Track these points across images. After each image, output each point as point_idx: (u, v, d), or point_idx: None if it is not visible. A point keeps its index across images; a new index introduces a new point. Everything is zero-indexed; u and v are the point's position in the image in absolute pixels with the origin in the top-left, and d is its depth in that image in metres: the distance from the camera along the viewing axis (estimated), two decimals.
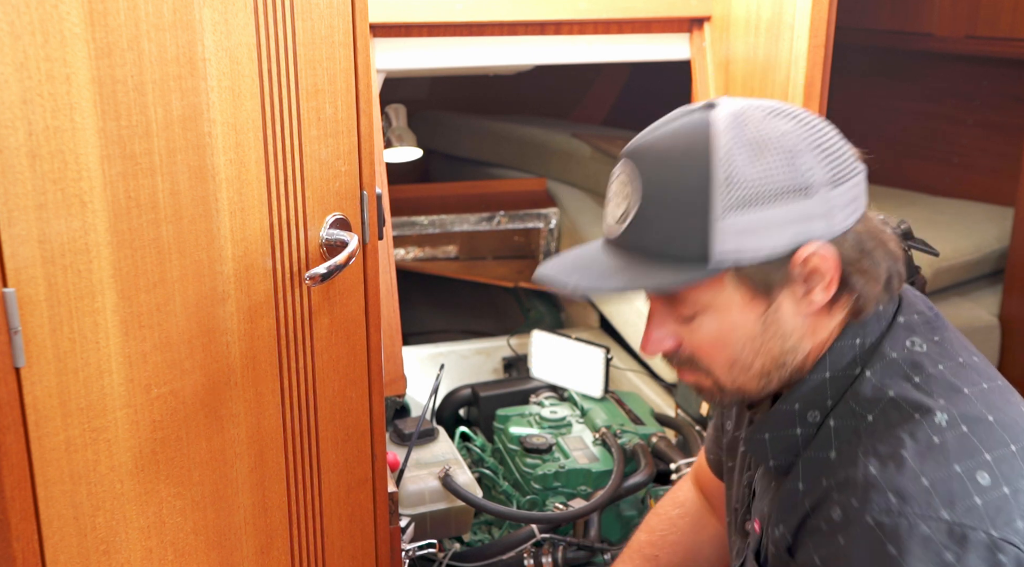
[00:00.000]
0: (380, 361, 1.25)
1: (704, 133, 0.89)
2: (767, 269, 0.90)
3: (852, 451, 0.90)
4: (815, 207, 0.89)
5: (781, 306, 0.93)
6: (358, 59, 1.13)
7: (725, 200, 0.87)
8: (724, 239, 0.88)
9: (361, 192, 1.18)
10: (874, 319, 0.96)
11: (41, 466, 0.86)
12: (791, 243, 0.89)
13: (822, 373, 0.95)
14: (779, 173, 0.88)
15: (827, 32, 1.62)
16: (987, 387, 0.93)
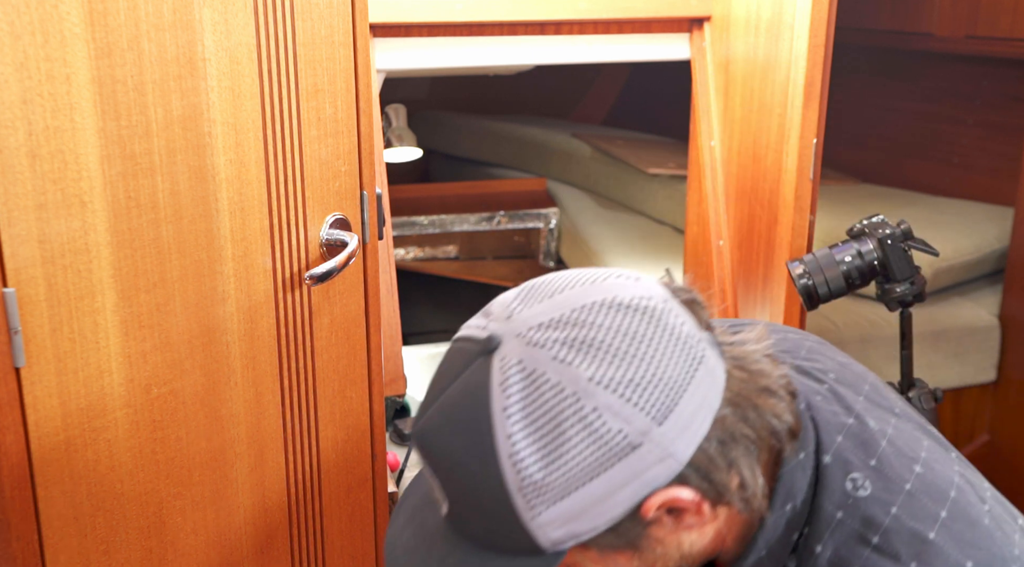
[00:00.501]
0: (380, 361, 1.25)
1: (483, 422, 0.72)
2: (618, 532, 0.74)
3: None
4: (646, 457, 0.71)
5: (652, 543, 0.76)
6: (358, 59, 1.13)
7: (529, 506, 0.71)
8: (548, 533, 0.72)
9: (361, 192, 1.17)
10: (797, 472, 0.80)
11: (41, 466, 0.86)
12: (631, 503, 0.72)
13: (757, 554, 0.81)
14: (585, 456, 0.70)
15: (827, 32, 1.62)
16: (946, 515, 0.80)
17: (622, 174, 3.05)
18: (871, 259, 1.63)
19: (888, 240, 1.63)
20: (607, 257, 2.67)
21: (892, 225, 1.65)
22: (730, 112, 1.94)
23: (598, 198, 3.13)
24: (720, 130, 1.99)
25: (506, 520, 0.72)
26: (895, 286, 1.66)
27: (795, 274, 1.62)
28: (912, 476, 0.81)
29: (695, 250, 2.12)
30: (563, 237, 3.02)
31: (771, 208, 1.78)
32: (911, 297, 1.67)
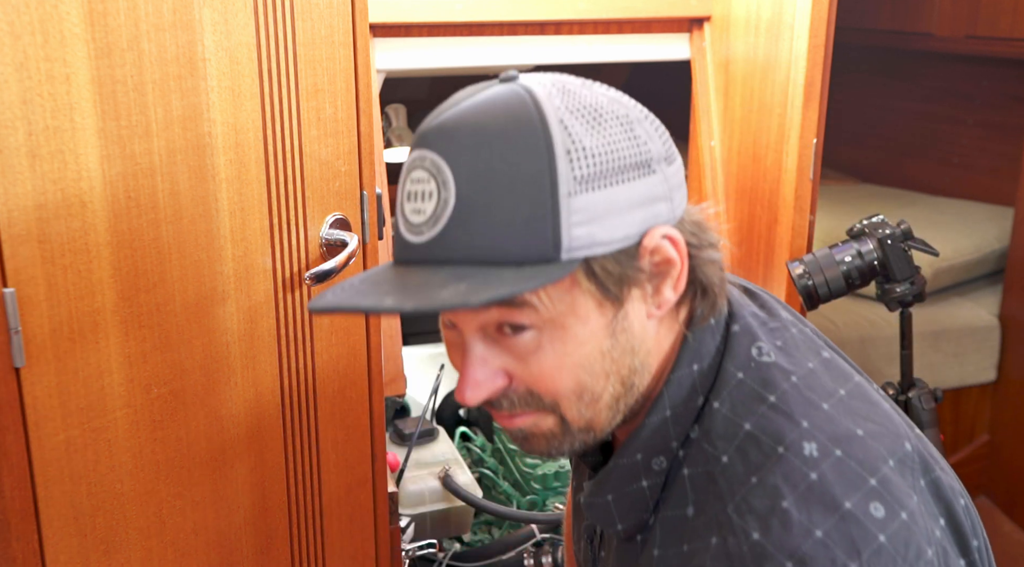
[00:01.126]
0: (380, 361, 1.25)
1: (527, 101, 0.71)
2: (618, 263, 0.73)
3: (717, 509, 0.74)
4: (657, 186, 0.75)
5: (630, 311, 0.76)
6: (358, 59, 1.13)
7: (570, 176, 0.70)
8: (574, 226, 0.70)
9: (361, 192, 1.17)
10: (707, 335, 0.81)
11: (41, 466, 0.86)
12: (640, 229, 0.74)
13: (662, 412, 0.80)
14: (621, 144, 0.73)
15: (827, 32, 1.62)
16: (844, 393, 0.80)
17: None
18: (871, 259, 1.63)
19: (888, 240, 1.63)
20: None
21: (892, 225, 1.65)
22: (730, 112, 1.94)
23: None
24: (720, 130, 1.99)
25: (536, 199, 0.69)
26: (895, 286, 1.66)
27: (795, 274, 1.62)
28: (817, 360, 0.82)
29: None
30: None
31: (771, 208, 1.78)
32: (911, 297, 1.67)
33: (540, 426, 0.79)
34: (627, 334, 0.77)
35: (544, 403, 0.77)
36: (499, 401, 0.78)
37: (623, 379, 0.78)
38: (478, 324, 0.75)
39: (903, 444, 0.77)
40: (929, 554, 0.72)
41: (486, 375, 0.76)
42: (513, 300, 0.72)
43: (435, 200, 0.71)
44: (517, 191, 0.70)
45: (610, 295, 0.74)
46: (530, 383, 0.76)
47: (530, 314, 0.73)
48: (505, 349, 0.75)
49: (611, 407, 0.79)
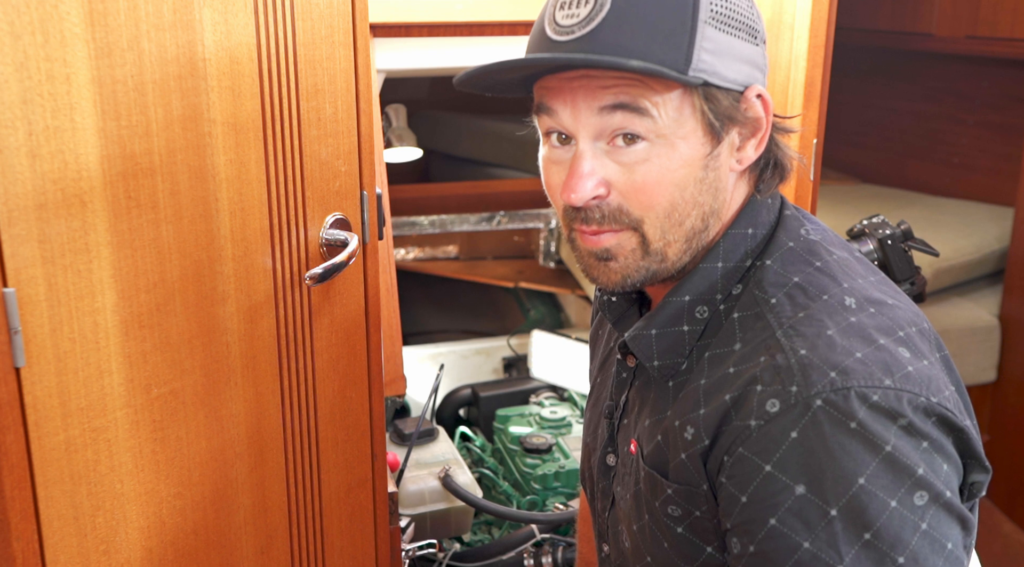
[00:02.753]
0: (380, 361, 1.25)
1: None
2: (728, 98, 0.86)
3: (766, 335, 0.85)
4: (759, 57, 0.89)
5: (722, 152, 0.88)
6: (358, 59, 1.13)
7: (708, 8, 0.84)
8: (703, 51, 0.84)
9: (361, 192, 1.18)
10: (763, 209, 0.93)
11: (41, 466, 0.86)
12: (745, 82, 0.88)
13: (715, 263, 0.91)
14: (745, 9, 0.87)
15: (827, 32, 1.62)
16: (875, 279, 0.92)
17: None
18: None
19: (888, 240, 1.63)
20: None
21: (892, 225, 1.65)
22: None
23: None
24: None
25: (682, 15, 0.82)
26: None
27: None
28: (851, 254, 0.94)
29: None
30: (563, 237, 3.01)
31: None
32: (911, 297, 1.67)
33: (623, 245, 0.89)
34: (716, 173, 0.88)
35: (632, 218, 0.87)
36: (591, 212, 0.88)
37: (704, 214, 0.89)
38: (596, 130, 0.86)
39: (923, 322, 0.89)
40: (947, 393, 0.83)
41: (592, 175, 0.86)
42: (639, 106, 0.84)
43: (591, 6, 0.83)
44: (665, 7, 0.82)
45: (714, 128, 0.86)
46: (629, 193, 0.87)
47: (648, 124, 0.84)
48: (614, 160, 0.86)
49: (687, 239, 0.90)
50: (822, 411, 0.78)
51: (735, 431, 0.82)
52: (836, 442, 0.78)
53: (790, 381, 0.80)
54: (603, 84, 0.84)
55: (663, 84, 0.84)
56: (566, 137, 0.89)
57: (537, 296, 3.05)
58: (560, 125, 0.88)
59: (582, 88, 0.85)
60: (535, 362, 2.18)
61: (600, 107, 0.85)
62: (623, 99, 0.84)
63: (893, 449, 0.78)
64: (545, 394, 2.12)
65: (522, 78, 0.90)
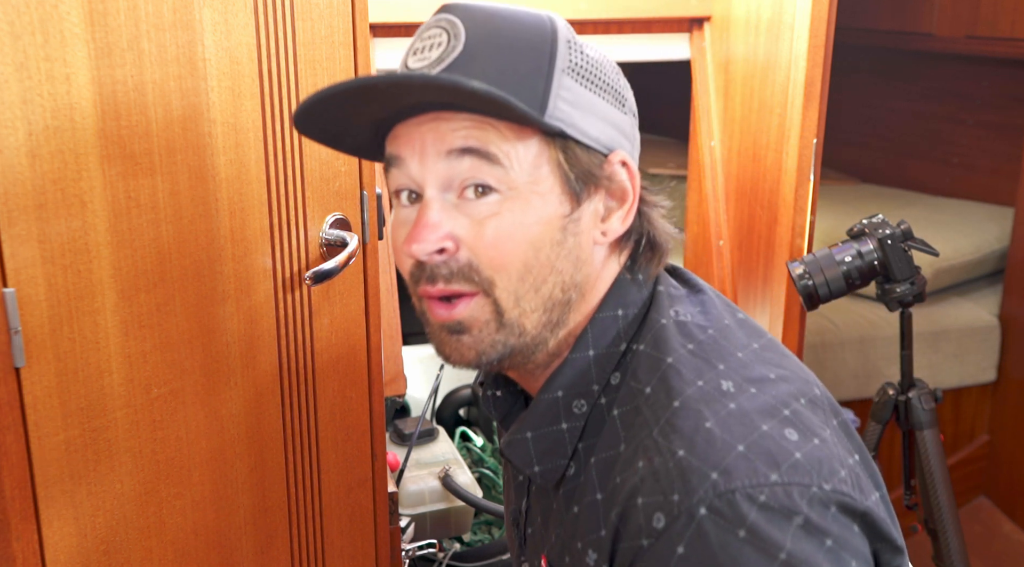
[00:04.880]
0: (380, 361, 1.25)
1: (542, 12, 0.83)
2: (587, 156, 0.80)
3: (643, 435, 0.76)
4: (627, 125, 0.85)
5: (583, 217, 0.81)
6: (358, 59, 1.13)
7: (567, 58, 0.79)
8: (560, 99, 0.78)
9: (361, 192, 1.18)
10: (633, 288, 0.85)
11: (41, 466, 0.86)
12: (608, 144, 0.82)
13: (584, 351, 0.83)
14: (610, 73, 0.84)
15: (827, 32, 1.62)
16: (758, 346, 0.84)
17: None
18: (871, 259, 1.63)
19: (888, 240, 1.63)
20: None
21: (892, 225, 1.65)
22: (730, 112, 1.94)
23: None
24: (720, 130, 1.99)
25: (537, 61, 0.78)
26: (895, 286, 1.66)
27: (795, 274, 1.62)
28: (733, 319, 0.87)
29: (695, 250, 2.12)
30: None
31: (771, 208, 1.78)
32: (911, 297, 1.67)
33: (476, 317, 0.81)
34: (576, 240, 0.81)
35: (483, 278, 0.79)
36: (437, 268, 0.79)
37: (564, 284, 0.82)
38: (445, 179, 0.79)
39: (812, 389, 0.81)
40: (843, 473, 0.74)
41: (439, 226, 0.79)
42: (489, 153, 0.77)
43: (442, 48, 0.78)
44: (519, 51, 0.78)
45: (572, 187, 0.80)
46: (479, 249, 0.79)
47: (500, 173, 0.78)
48: (463, 212, 0.79)
49: (545, 308, 0.81)
50: (708, 520, 0.69)
51: (629, 552, 0.74)
52: (726, 554, 0.69)
53: (670, 489, 0.71)
54: (453, 126, 0.78)
55: (515, 132, 0.78)
56: (416, 196, 0.82)
57: None
58: (408, 176, 0.81)
59: (431, 132, 0.79)
60: None
61: (448, 150, 0.78)
62: (472, 143, 0.77)
63: (790, 555, 0.68)
64: None
65: (372, 130, 0.84)
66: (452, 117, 0.78)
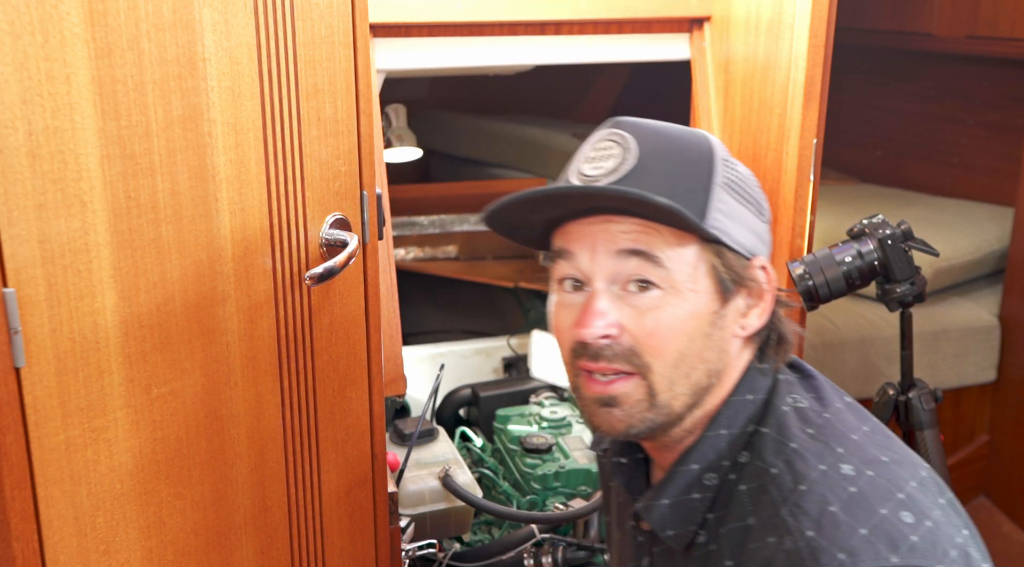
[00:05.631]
0: (380, 361, 1.25)
1: (698, 131, 0.95)
2: (735, 262, 0.91)
3: (771, 513, 0.85)
4: (764, 232, 0.95)
5: (728, 313, 0.92)
6: (358, 59, 1.13)
7: (723, 174, 0.91)
8: (716, 211, 0.89)
9: (361, 192, 1.18)
10: (759, 375, 0.95)
11: (41, 466, 0.86)
12: (751, 249, 0.93)
13: (718, 429, 0.93)
14: (753, 185, 0.95)
15: (827, 32, 1.62)
16: (867, 429, 0.92)
17: None
18: (871, 259, 1.63)
19: (888, 240, 1.63)
20: None
21: (892, 225, 1.65)
22: (730, 112, 1.94)
23: None
24: (720, 130, 1.99)
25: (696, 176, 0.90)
26: (895, 286, 1.66)
27: (795, 274, 1.62)
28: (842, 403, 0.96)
29: None
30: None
31: (771, 208, 1.78)
32: (911, 297, 1.67)
33: (630, 394, 0.91)
34: (721, 334, 0.92)
35: (641, 362, 0.90)
36: (601, 350, 0.90)
37: (709, 371, 0.92)
38: (612, 274, 0.90)
39: (919, 471, 0.88)
40: (953, 554, 0.81)
41: (606, 314, 0.89)
42: (654, 255, 0.88)
43: (617, 161, 0.90)
44: (683, 168, 0.90)
45: (724, 286, 0.91)
46: (640, 338, 0.89)
47: (660, 273, 0.88)
48: (627, 304, 0.90)
49: (693, 392, 0.92)
50: None
51: None
52: None
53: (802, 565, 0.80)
54: (622, 229, 0.89)
55: (678, 237, 0.89)
56: (579, 284, 0.93)
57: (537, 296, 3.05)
58: (577, 268, 0.92)
59: (602, 232, 0.90)
60: (535, 362, 2.18)
61: (617, 251, 0.89)
62: (640, 246, 0.88)
63: None
64: (545, 394, 2.12)
65: (544, 225, 0.95)
66: (622, 220, 0.89)
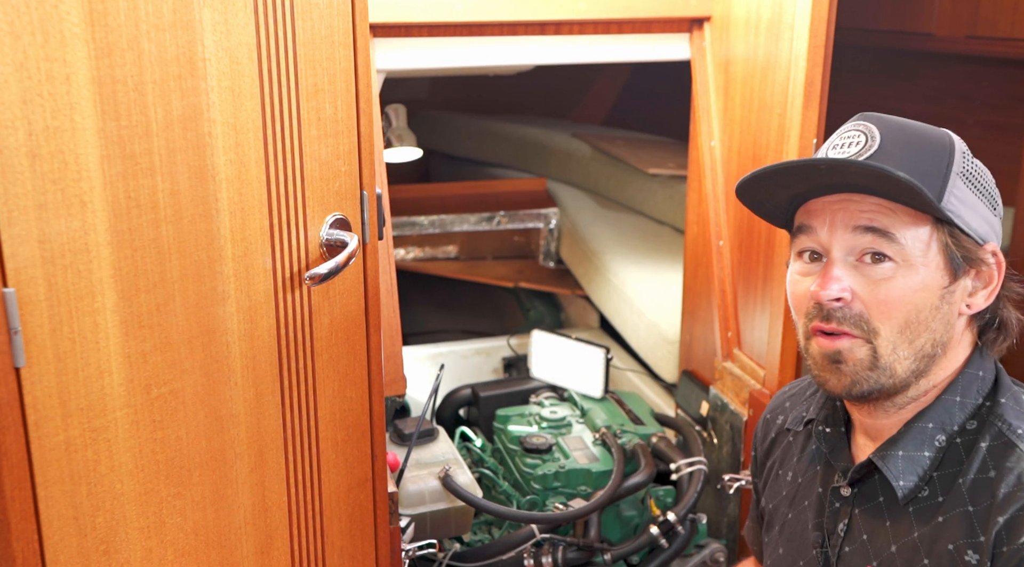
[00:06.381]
0: (380, 361, 1.25)
1: (943, 130, 1.02)
2: (966, 244, 0.98)
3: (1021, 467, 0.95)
4: (997, 224, 1.03)
5: (956, 290, 1.00)
6: (358, 59, 1.13)
7: (960, 165, 0.98)
8: (951, 195, 0.97)
9: (361, 192, 1.18)
10: (988, 358, 1.05)
11: (41, 466, 0.86)
12: (983, 236, 1.00)
13: (954, 395, 1.02)
14: (990, 181, 1.02)
15: (827, 32, 1.62)
16: None
17: (622, 174, 3.05)
18: None
19: None
20: (607, 257, 2.67)
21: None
22: (730, 112, 1.94)
23: (598, 198, 3.14)
24: (720, 130, 1.99)
25: (935, 161, 0.97)
26: None
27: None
28: None
29: (695, 250, 2.12)
30: (563, 237, 3.02)
31: None
32: None
33: (855, 352, 1.00)
34: (949, 308, 1.00)
35: (869, 327, 0.99)
36: (833, 311, 0.99)
37: (934, 340, 1.00)
38: (848, 247, 0.99)
39: None
40: None
41: (841, 280, 0.98)
42: (889, 232, 0.97)
43: (861, 146, 0.98)
44: (924, 154, 0.97)
45: (953, 264, 0.98)
46: (869, 305, 0.98)
47: (895, 247, 0.97)
48: (860, 274, 0.99)
49: (916, 357, 0.99)
50: None
51: (1015, 554, 0.92)
52: None
53: None
54: (861, 208, 0.98)
55: (913, 217, 0.97)
56: (817, 256, 1.02)
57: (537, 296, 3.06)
58: (816, 241, 1.01)
59: (841, 210, 0.99)
60: (535, 362, 2.18)
61: (855, 227, 0.98)
62: (876, 224, 0.97)
63: None
64: (545, 394, 2.12)
65: (788, 201, 1.04)
66: (862, 199, 0.98)
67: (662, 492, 1.84)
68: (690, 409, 2.09)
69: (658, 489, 1.84)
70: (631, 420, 1.98)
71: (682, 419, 2.10)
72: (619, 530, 1.82)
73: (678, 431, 2.05)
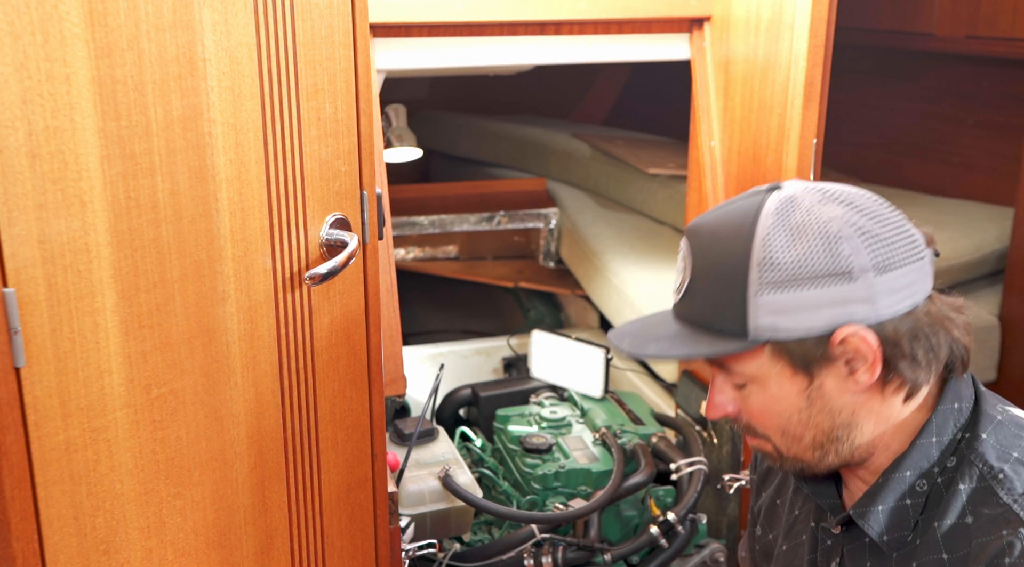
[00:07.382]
0: (380, 361, 1.25)
1: (751, 216, 0.95)
2: (805, 346, 0.94)
3: (1002, 510, 0.92)
4: (856, 291, 0.92)
5: (824, 383, 0.97)
6: (358, 59, 1.13)
7: (760, 280, 0.93)
8: (759, 315, 0.94)
9: (361, 192, 1.18)
10: (963, 384, 1.01)
11: (41, 466, 0.86)
12: (829, 324, 0.93)
13: (929, 438, 0.99)
14: (817, 258, 0.92)
15: (827, 32, 1.62)
16: None
17: (622, 174, 3.05)
18: None
19: None
20: (607, 257, 2.67)
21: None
22: (730, 112, 1.94)
23: (598, 198, 3.13)
24: (720, 130, 1.99)
25: (734, 292, 0.94)
26: None
27: None
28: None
29: None
30: (563, 237, 3.02)
31: None
32: None
33: (764, 448, 1.04)
34: (823, 401, 0.97)
35: (759, 433, 1.03)
36: (734, 422, 1.05)
37: (824, 432, 0.99)
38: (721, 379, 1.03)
39: None
40: None
41: (720, 401, 1.03)
42: (724, 365, 1.00)
43: (683, 276, 1.01)
44: (720, 284, 0.96)
45: (799, 369, 0.96)
46: (747, 418, 1.03)
47: (740, 375, 0.99)
48: (737, 393, 1.02)
49: (813, 449, 1.00)
50: None
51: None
52: None
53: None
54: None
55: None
56: None
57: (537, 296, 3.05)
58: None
59: None
60: (535, 362, 2.18)
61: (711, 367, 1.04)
62: (717, 362, 1.01)
63: None
64: (545, 394, 2.12)
65: None
66: None
67: (662, 492, 1.84)
68: (690, 409, 2.09)
69: (658, 489, 1.84)
70: (631, 420, 1.98)
71: (682, 419, 2.10)
72: (619, 530, 1.82)
73: (678, 431, 2.05)
